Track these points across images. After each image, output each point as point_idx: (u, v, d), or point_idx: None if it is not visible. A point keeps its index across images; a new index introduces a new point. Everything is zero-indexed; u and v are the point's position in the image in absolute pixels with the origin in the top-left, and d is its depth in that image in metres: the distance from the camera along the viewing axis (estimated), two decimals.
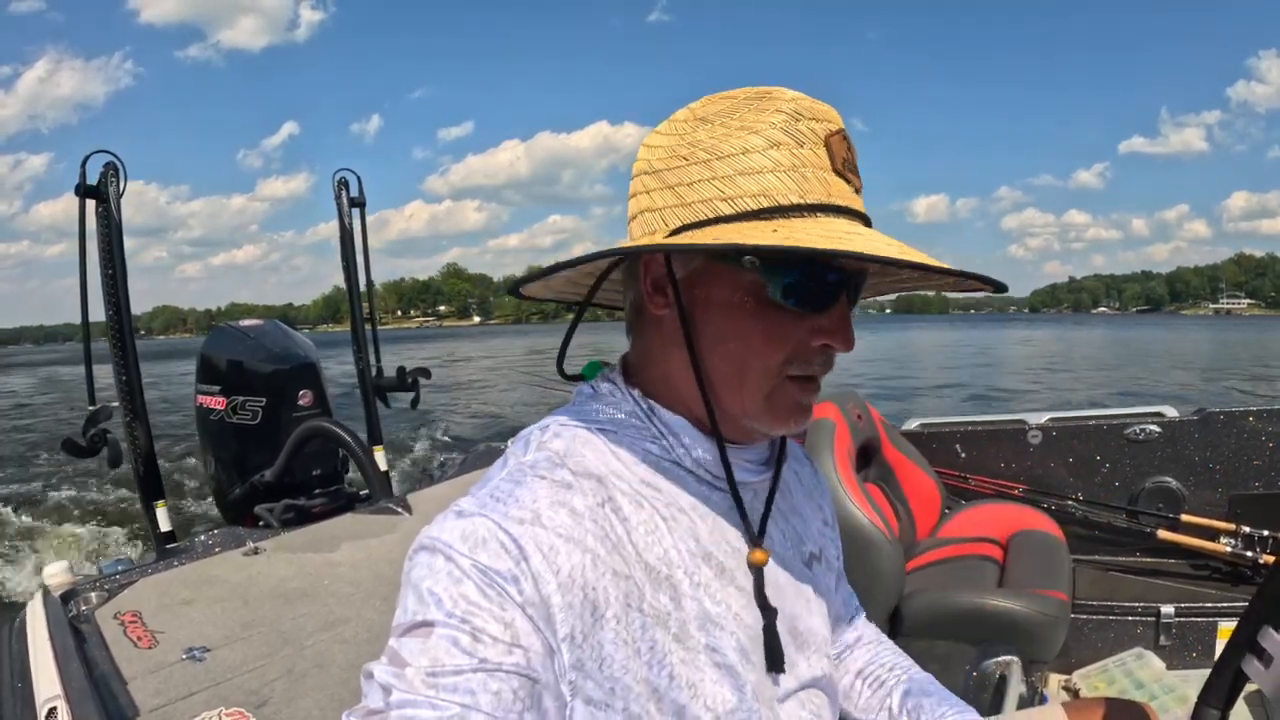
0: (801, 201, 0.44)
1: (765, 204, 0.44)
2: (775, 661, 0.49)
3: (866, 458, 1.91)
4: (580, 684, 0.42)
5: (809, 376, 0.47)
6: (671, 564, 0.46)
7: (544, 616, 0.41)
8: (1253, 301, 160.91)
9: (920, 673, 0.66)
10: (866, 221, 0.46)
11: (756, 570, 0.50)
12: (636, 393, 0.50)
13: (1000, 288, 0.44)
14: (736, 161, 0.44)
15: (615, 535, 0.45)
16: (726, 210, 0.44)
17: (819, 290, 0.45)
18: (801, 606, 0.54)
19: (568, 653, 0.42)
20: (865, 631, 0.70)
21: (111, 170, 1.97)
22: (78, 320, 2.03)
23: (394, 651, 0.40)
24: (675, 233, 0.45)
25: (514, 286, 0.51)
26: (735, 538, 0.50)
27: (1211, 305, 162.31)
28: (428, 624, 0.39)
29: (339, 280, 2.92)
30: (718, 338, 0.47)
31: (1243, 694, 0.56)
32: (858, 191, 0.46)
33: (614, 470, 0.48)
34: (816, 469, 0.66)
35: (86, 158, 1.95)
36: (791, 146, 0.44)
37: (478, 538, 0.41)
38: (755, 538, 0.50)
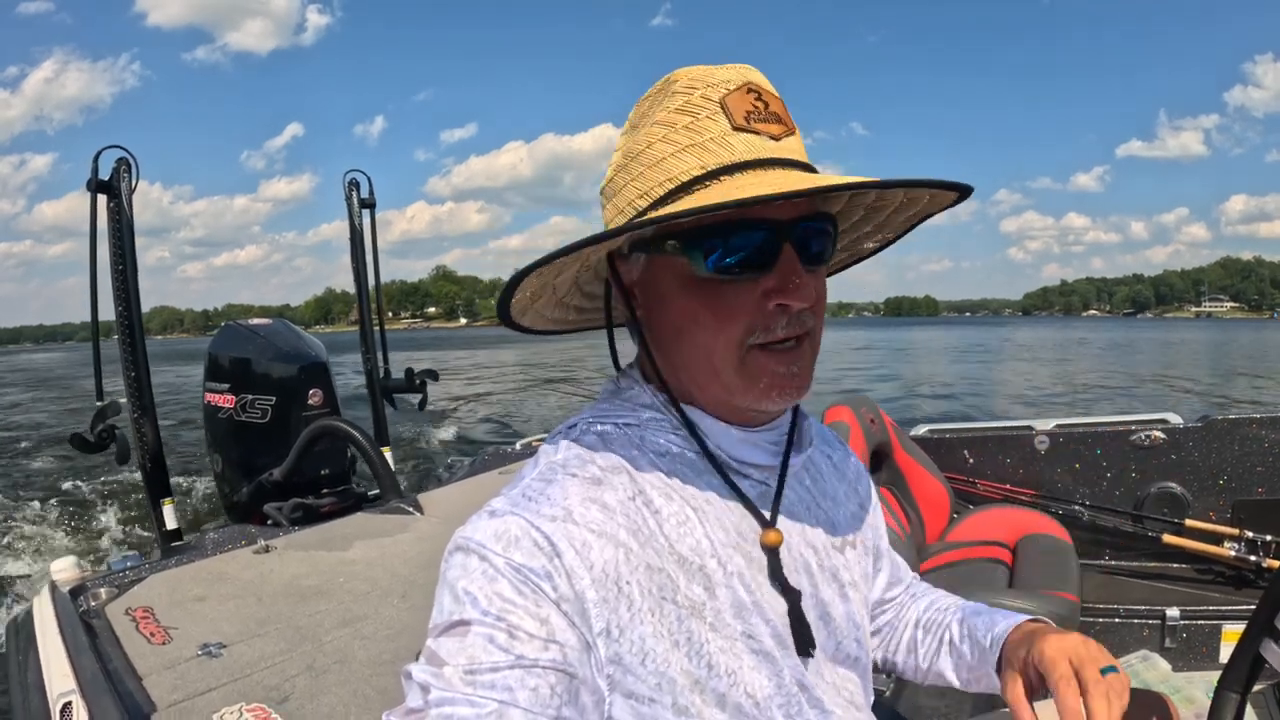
0: (702, 171, 0.43)
1: (670, 186, 0.45)
2: (804, 645, 0.49)
3: (878, 461, 1.92)
4: (619, 679, 0.42)
5: (779, 341, 0.45)
6: (704, 554, 0.47)
7: (579, 612, 0.41)
8: (1235, 304, 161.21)
9: (973, 602, 0.65)
10: (801, 165, 0.45)
11: (771, 551, 0.50)
12: (652, 387, 0.51)
13: (964, 190, 0.44)
14: (645, 157, 0.46)
15: (647, 529, 0.46)
16: (643, 204, 0.46)
17: (751, 252, 0.44)
18: (834, 592, 0.54)
19: (604, 647, 0.42)
20: (918, 586, 0.70)
21: (124, 165, 1.96)
22: (79, 320, 2.05)
23: (431, 651, 0.40)
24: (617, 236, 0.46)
25: (502, 309, 0.48)
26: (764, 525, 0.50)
27: (1193, 308, 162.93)
28: (464, 623, 0.40)
29: (341, 281, 2.91)
30: (677, 328, 0.47)
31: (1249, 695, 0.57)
32: (777, 138, 0.45)
33: (642, 465, 0.48)
34: (850, 453, 0.65)
35: (99, 153, 1.94)
36: (687, 124, 0.44)
37: (511, 536, 0.42)
38: (767, 521, 0.50)
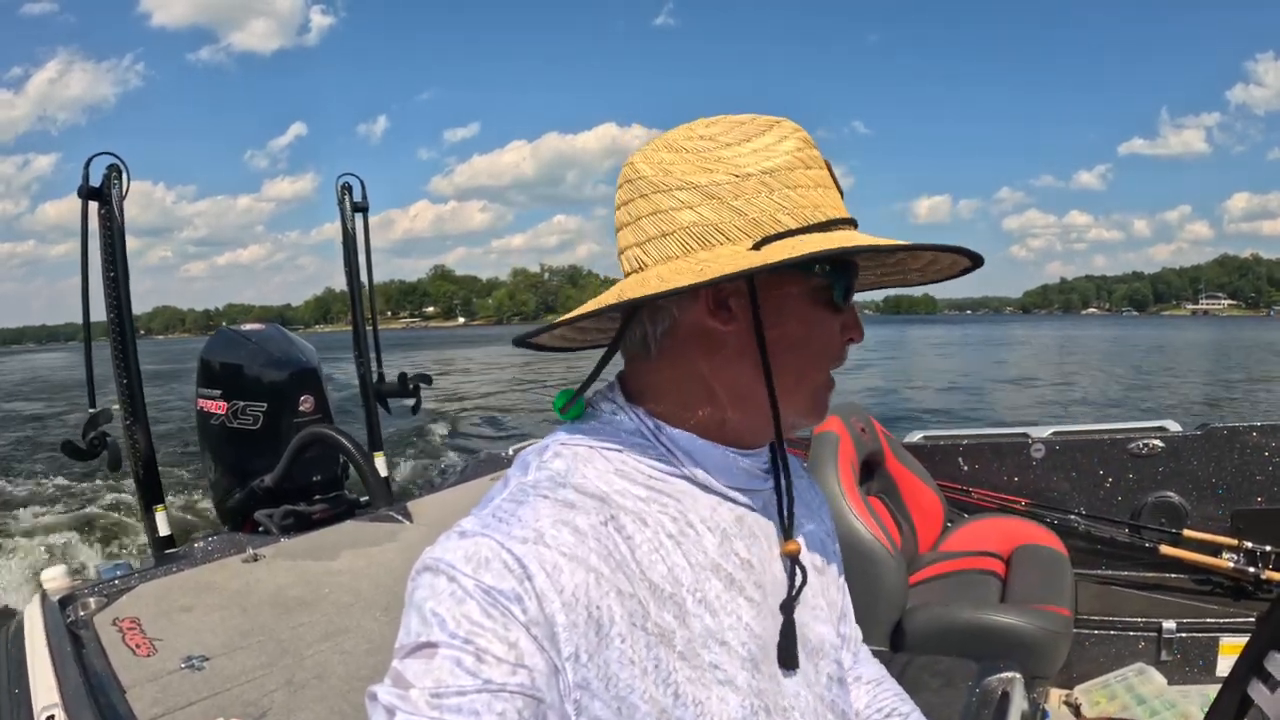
0: (838, 215, 0.48)
1: (820, 217, 0.47)
2: (789, 660, 0.49)
3: (869, 470, 1.90)
4: (585, 704, 0.42)
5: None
6: (677, 581, 0.46)
7: (548, 636, 0.41)
8: (1233, 302, 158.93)
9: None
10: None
11: (791, 560, 0.51)
12: (641, 411, 0.50)
13: (976, 259, 0.49)
14: (784, 177, 0.47)
15: (619, 554, 0.45)
16: (790, 223, 0.46)
17: (851, 292, 0.50)
18: (809, 615, 0.54)
19: (572, 672, 0.41)
20: (866, 670, 0.68)
21: (114, 172, 1.97)
22: (80, 320, 2.03)
23: (398, 673, 0.39)
24: (758, 245, 0.46)
25: (527, 336, 0.52)
26: (744, 549, 0.50)
27: (1190, 306, 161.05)
28: (431, 645, 0.39)
29: (342, 281, 2.92)
30: (788, 344, 0.48)
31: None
32: None
33: (617, 489, 0.47)
34: (813, 481, 0.66)
35: (89, 160, 1.95)
36: (816, 169, 0.49)
37: (480, 558, 0.41)
38: (788, 529, 0.52)
